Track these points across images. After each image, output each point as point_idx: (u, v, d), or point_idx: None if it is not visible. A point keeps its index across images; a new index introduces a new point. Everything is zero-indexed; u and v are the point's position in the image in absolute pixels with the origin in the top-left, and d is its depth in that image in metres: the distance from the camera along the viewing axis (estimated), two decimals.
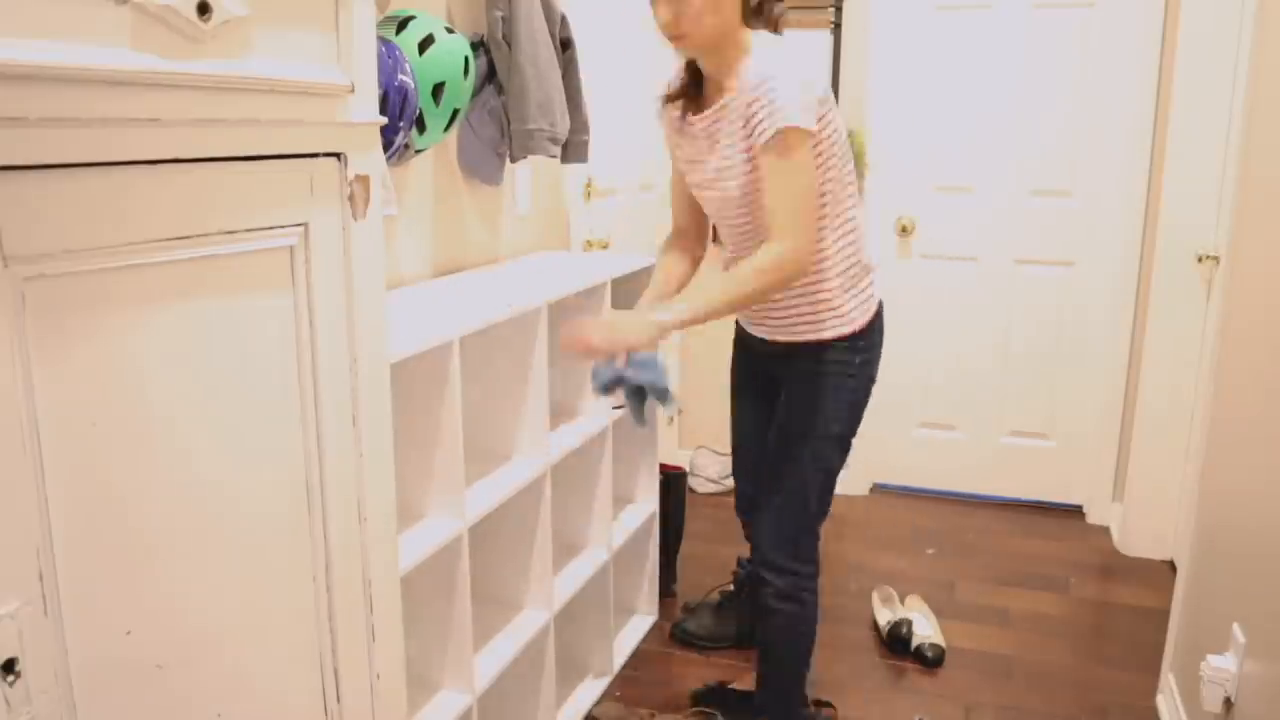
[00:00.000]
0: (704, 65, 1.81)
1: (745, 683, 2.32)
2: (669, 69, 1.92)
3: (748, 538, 2.21)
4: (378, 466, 1.18)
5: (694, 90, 1.86)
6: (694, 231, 2.05)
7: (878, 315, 1.94)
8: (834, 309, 1.86)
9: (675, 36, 1.73)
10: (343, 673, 1.16)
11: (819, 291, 1.85)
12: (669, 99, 1.90)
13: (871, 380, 1.97)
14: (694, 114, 1.84)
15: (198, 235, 0.91)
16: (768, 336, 1.96)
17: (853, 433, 1.97)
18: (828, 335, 1.87)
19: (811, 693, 2.25)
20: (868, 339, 1.92)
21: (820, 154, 1.74)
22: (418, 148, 1.85)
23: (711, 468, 3.73)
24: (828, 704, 2.27)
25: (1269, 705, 1.62)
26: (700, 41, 1.73)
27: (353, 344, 1.12)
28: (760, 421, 2.06)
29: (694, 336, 3.81)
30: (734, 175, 1.78)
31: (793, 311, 1.88)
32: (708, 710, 2.27)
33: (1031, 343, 3.50)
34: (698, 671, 2.50)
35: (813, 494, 1.94)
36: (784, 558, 1.95)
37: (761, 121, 1.67)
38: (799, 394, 1.93)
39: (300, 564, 1.09)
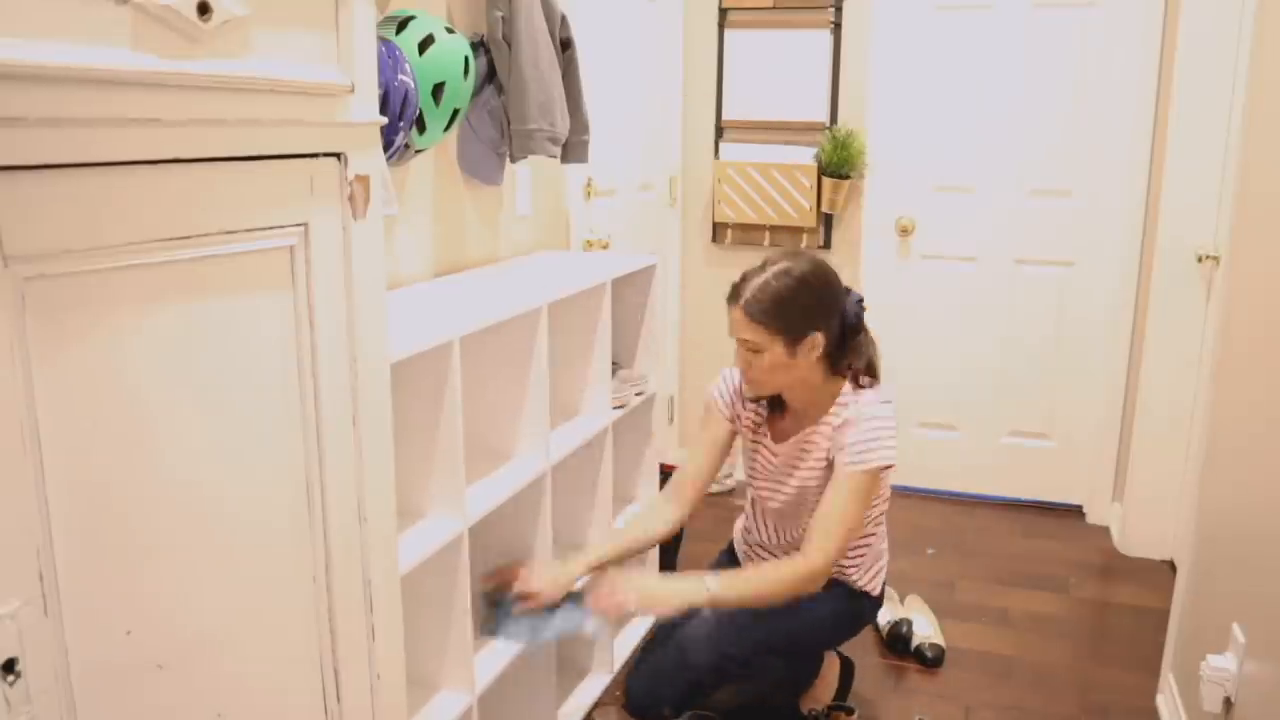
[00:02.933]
0: (788, 399, 1.99)
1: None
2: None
3: None
4: (378, 466, 1.18)
5: (777, 410, 2.03)
6: (693, 489, 2.08)
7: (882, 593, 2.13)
8: (847, 579, 2.06)
9: (748, 381, 1.93)
10: (343, 673, 1.16)
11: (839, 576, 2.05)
12: (763, 415, 2.06)
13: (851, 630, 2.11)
14: (775, 440, 2.02)
15: (198, 235, 0.91)
16: None
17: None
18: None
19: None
20: (872, 601, 2.10)
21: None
22: (418, 148, 1.85)
23: None
24: (848, 709, 2.26)
25: (1269, 705, 1.62)
26: (771, 391, 1.95)
27: (353, 344, 1.12)
28: None
29: (695, 334, 3.81)
30: (815, 483, 1.96)
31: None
32: (707, 714, 2.27)
33: (1031, 343, 3.50)
34: None
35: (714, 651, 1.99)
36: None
37: (857, 449, 1.86)
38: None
39: (300, 564, 1.09)
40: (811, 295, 1.86)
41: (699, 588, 1.82)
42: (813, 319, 1.86)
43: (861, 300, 1.96)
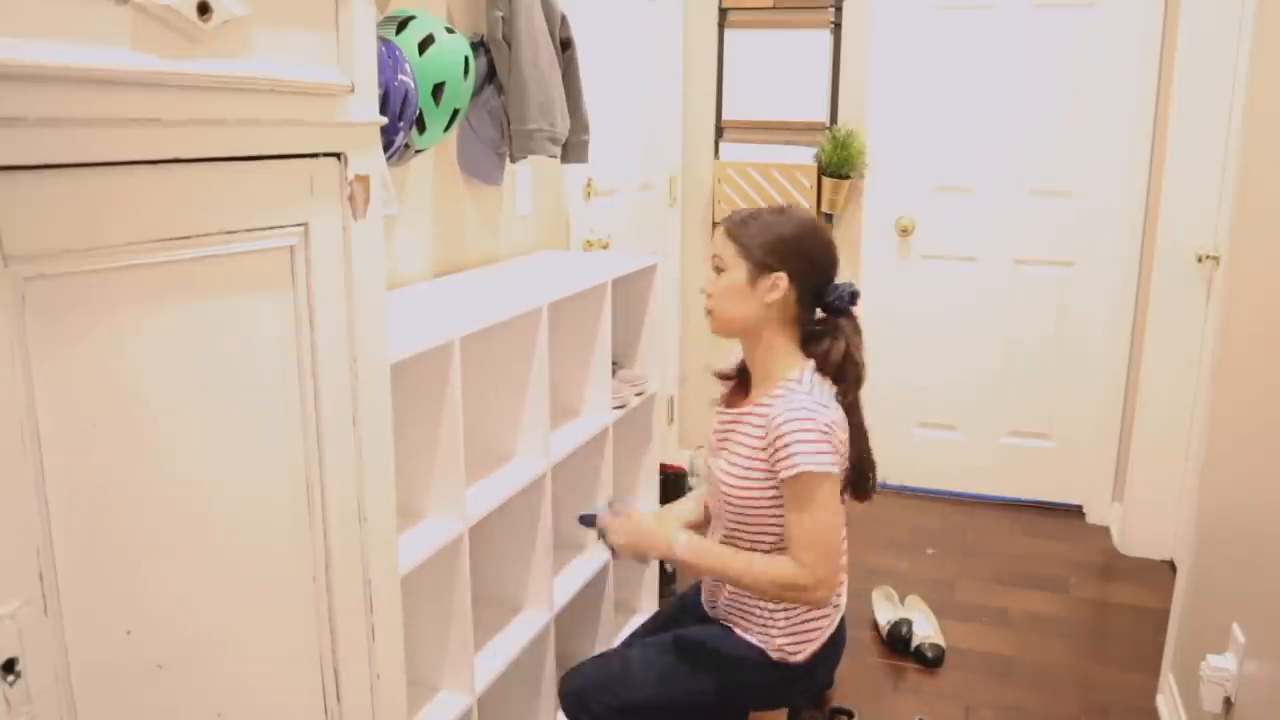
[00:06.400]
0: (746, 358, 1.81)
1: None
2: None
3: None
4: (378, 466, 1.18)
5: (742, 381, 1.84)
6: None
7: (816, 657, 1.78)
8: (764, 627, 1.77)
9: (707, 310, 1.79)
10: (343, 673, 1.16)
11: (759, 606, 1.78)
12: (722, 376, 1.90)
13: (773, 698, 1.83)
14: (724, 405, 1.84)
15: (198, 235, 0.91)
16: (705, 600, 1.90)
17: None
18: (756, 640, 1.77)
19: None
20: (801, 673, 1.77)
21: None
22: (418, 148, 1.85)
23: None
24: (847, 712, 2.26)
25: (1269, 705, 1.62)
26: (726, 326, 1.76)
27: (353, 344, 1.12)
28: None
29: (695, 334, 3.82)
30: (734, 479, 1.73)
31: (733, 608, 1.82)
32: None
33: (1031, 343, 3.50)
34: None
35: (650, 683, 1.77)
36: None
37: (788, 457, 1.63)
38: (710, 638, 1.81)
39: (300, 564, 1.09)
40: (792, 235, 1.73)
41: (670, 542, 1.70)
42: (783, 258, 1.72)
43: (856, 293, 1.81)
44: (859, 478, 1.76)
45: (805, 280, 1.74)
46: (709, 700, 1.75)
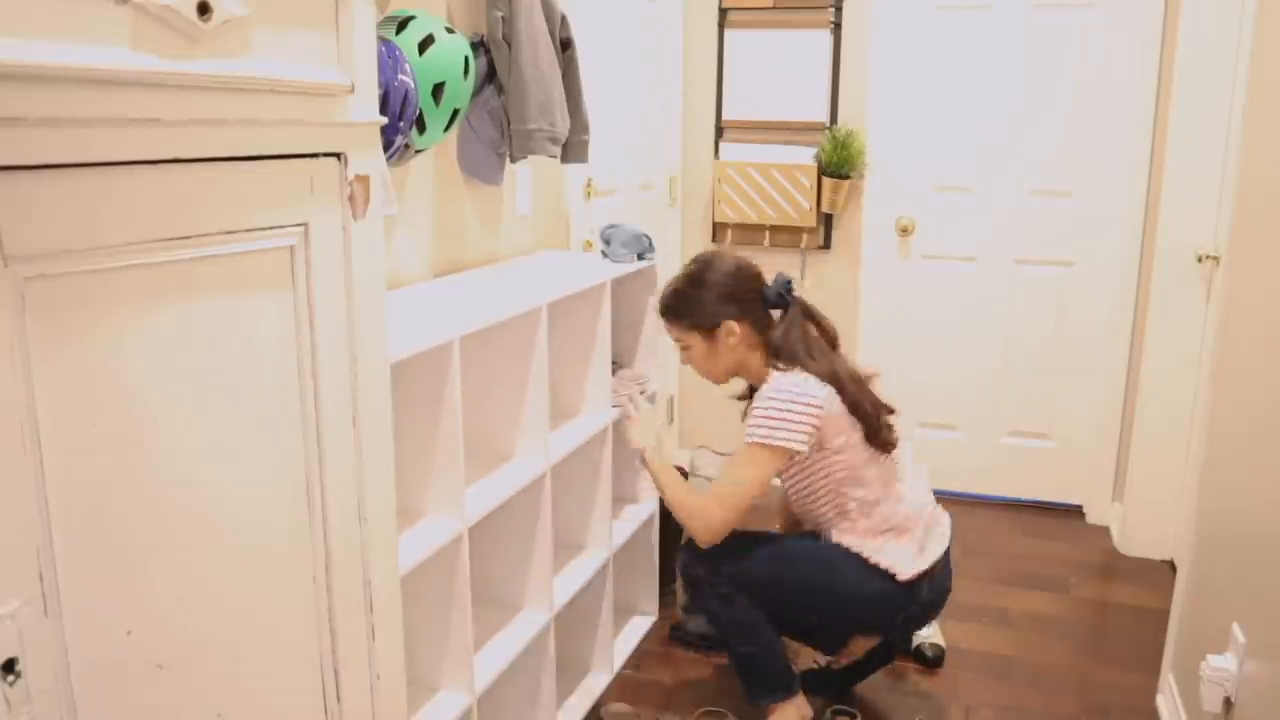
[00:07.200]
0: (748, 382, 2.16)
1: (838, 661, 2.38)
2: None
3: None
4: (378, 466, 1.18)
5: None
6: None
7: (921, 578, 2.03)
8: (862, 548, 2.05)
9: (702, 375, 2.14)
10: (343, 673, 1.16)
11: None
12: (740, 398, 2.24)
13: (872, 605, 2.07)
14: (743, 421, 2.11)
15: (198, 235, 0.91)
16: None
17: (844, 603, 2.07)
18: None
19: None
20: (909, 593, 2.03)
21: (823, 451, 1.99)
22: (418, 148, 1.85)
23: (711, 468, 3.72)
24: (849, 712, 2.26)
25: (1269, 705, 1.62)
26: (719, 378, 2.13)
27: (353, 344, 1.12)
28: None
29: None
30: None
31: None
32: (718, 710, 2.27)
33: (1031, 343, 3.50)
34: (698, 671, 2.50)
35: (765, 568, 2.07)
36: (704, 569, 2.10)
37: (755, 419, 1.98)
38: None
39: (300, 564, 1.09)
40: (715, 288, 2.05)
41: (656, 450, 2.16)
42: (719, 309, 2.05)
43: (789, 283, 2.09)
44: (874, 430, 2.02)
45: (745, 308, 2.06)
46: (819, 596, 2.03)
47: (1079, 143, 3.31)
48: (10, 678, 0.78)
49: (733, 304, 2.05)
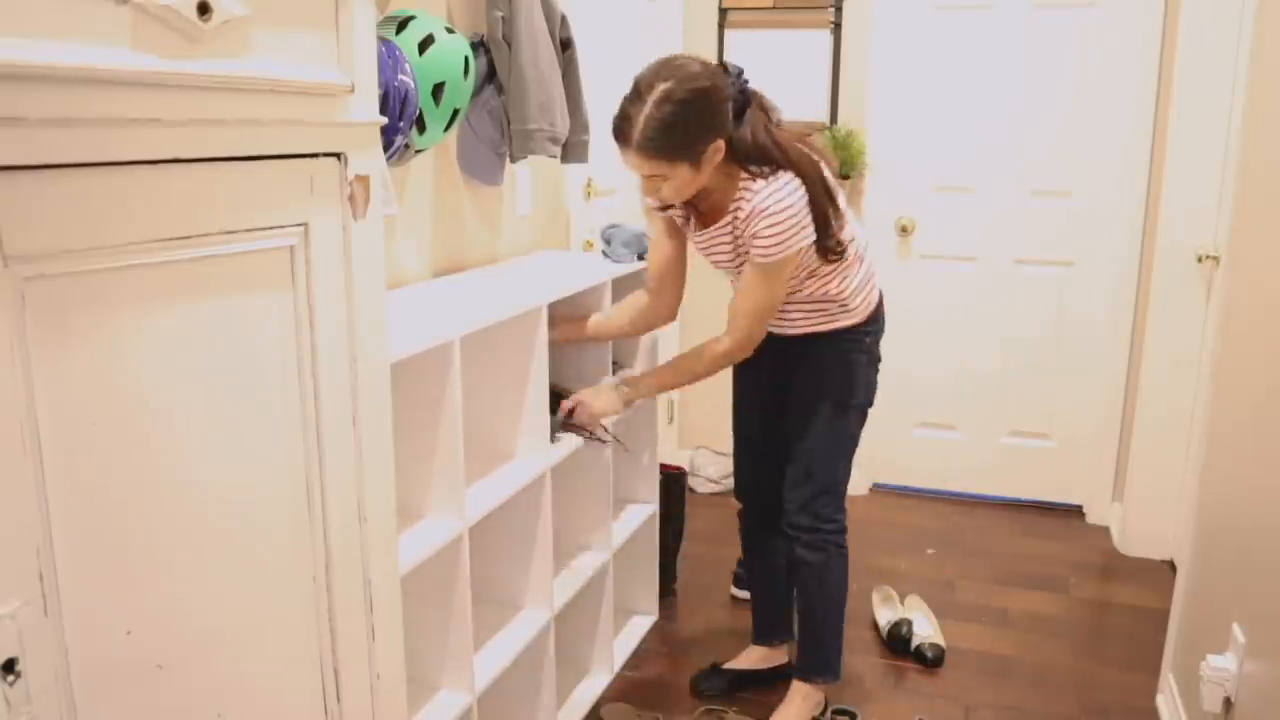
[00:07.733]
0: (695, 202, 2.00)
1: (740, 662, 2.43)
2: None
3: (741, 519, 2.39)
4: (378, 466, 1.18)
5: (693, 209, 2.03)
6: (664, 290, 2.19)
7: (879, 305, 2.15)
8: (846, 309, 2.08)
9: (665, 207, 2.00)
10: (343, 673, 1.16)
11: (833, 304, 2.06)
12: (664, 208, 2.07)
13: (878, 358, 2.18)
14: (700, 227, 2.03)
15: (198, 235, 0.91)
16: (779, 332, 2.12)
17: (869, 403, 2.16)
18: (842, 325, 2.09)
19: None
20: (874, 324, 2.14)
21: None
22: (418, 148, 1.85)
23: (711, 467, 3.73)
24: (849, 713, 2.26)
25: (1269, 705, 1.62)
26: (686, 200, 1.94)
27: (353, 344, 1.12)
28: (767, 412, 2.23)
29: (695, 334, 3.81)
30: (730, 260, 2.02)
31: (811, 318, 2.09)
32: (718, 709, 2.27)
33: (1031, 342, 3.50)
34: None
35: (834, 460, 2.12)
36: (809, 518, 2.12)
37: (770, 242, 1.86)
38: (817, 370, 2.11)
39: (300, 564, 1.09)
40: (702, 108, 1.78)
41: (615, 395, 2.07)
42: (709, 130, 1.79)
43: (741, 73, 1.89)
44: (821, 240, 1.90)
45: (725, 119, 1.82)
46: (866, 406, 2.13)
47: (1079, 143, 3.31)
48: (10, 678, 0.78)
49: (717, 120, 1.81)
